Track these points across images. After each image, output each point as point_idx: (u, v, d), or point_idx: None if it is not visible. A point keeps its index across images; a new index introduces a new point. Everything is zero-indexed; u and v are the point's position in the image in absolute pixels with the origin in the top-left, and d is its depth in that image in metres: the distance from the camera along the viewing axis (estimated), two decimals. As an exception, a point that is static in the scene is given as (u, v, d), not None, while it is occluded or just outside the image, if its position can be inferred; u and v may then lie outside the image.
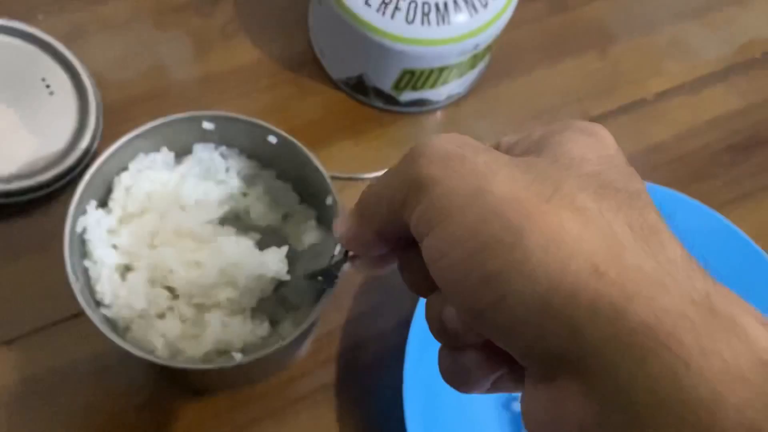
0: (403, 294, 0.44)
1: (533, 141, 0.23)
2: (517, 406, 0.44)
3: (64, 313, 0.43)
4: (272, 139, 0.36)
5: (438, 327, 0.23)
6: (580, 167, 0.21)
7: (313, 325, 0.40)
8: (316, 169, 0.36)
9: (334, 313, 0.46)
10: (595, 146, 0.22)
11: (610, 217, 0.19)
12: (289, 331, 0.34)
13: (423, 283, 0.24)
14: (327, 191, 0.36)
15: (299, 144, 0.36)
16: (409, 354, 0.42)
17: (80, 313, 0.43)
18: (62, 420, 0.41)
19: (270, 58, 0.53)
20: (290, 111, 0.51)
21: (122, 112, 0.49)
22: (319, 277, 0.33)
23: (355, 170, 0.48)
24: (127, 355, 0.41)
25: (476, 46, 0.46)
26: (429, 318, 0.24)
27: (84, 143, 0.46)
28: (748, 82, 0.58)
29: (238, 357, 0.32)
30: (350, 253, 0.27)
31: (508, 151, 0.24)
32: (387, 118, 0.52)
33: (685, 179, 0.53)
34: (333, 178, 0.36)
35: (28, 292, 0.43)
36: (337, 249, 0.30)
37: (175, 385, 0.42)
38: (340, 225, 0.25)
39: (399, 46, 0.44)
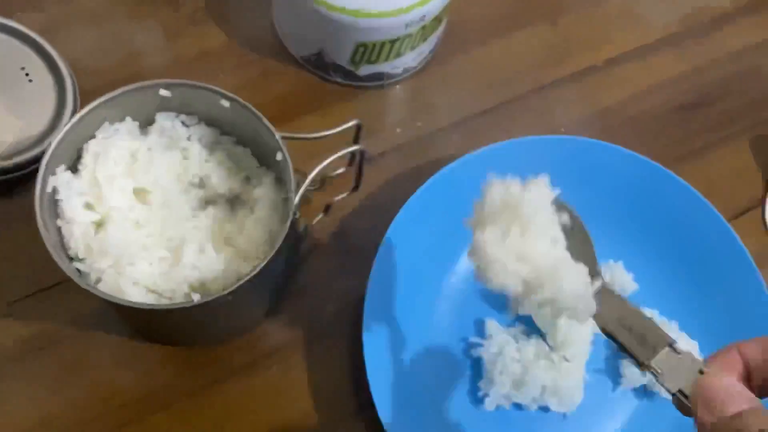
0: (366, 253, 0.47)
1: None
2: (476, 352, 0.47)
3: (49, 281, 0.46)
4: (225, 103, 0.39)
5: None
6: None
7: (274, 278, 0.43)
8: (267, 129, 0.39)
9: (301, 273, 0.49)
10: None
11: None
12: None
13: None
14: (277, 148, 0.39)
15: (249, 105, 0.39)
16: (368, 306, 0.45)
17: (62, 282, 0.46)
18: (50, 377, 0.44)
19: (237, 41, 0.56)
20: (257, 90, 0.54)
21: (99, 97, 0.52)
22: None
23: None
24: (103, 315, 0.45)
25: (423, 17, 0.49)
26: None
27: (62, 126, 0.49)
28: (696, 47, 0.61)
29: (196, 297, 0.35)
30: None
31: None
32: (349, 93, 0.55)
33: (635, 139, 0.56)
34: (283, 137, 0.39)
35: (14, 264, 0.47)
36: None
37: (152, 341, 0.45)
38: None
39: (350, 20, 0.48)
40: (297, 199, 0.38)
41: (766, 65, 0.61)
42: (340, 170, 0.48)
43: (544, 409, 0.46)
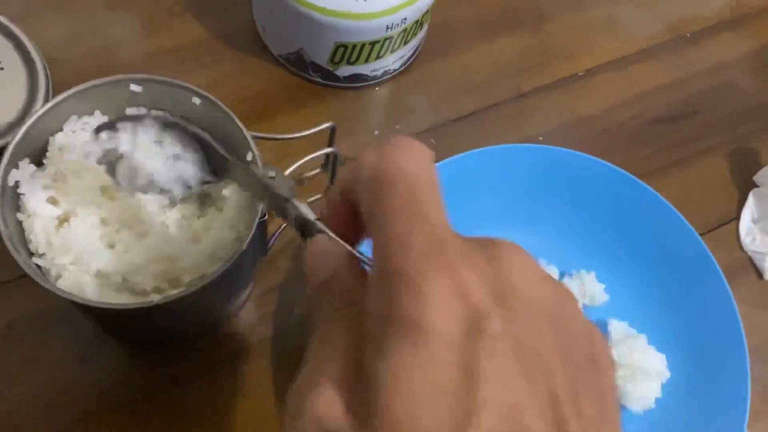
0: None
1: None
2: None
3: (7, 276, 0.45)
4: (196, 101, 0.39)
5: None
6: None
7: (240, 278, 0.43)
8: (238, 128, 0.38)
9: (272, 273, 0.49)
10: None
11: None
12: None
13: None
14: (248, 147, 0.38)
15: (220, 103, 0.38)
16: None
17: (22, 276, 0.45)
18: (6, 373, 0.44)
19: (215, 36, 0.55)
20: (233, 86, 0.54)
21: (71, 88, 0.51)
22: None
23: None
24: (65, 310, 0.44)
25: (404, 20, 0.49)
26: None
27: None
28: (675, 60, 0.61)
29: (156, 298, 0.34)
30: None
31: None
32: (327, 93, 0.55)
33: (612, 150, 0.56)
34: (254, 137, 0.39)
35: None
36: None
37: (115, 339, 0.45)
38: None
39: (330, 20, 0.47)
40: (267, 199, 0.38)
41: (745, 80, 0.61)
42: (315, 171, 0.47)
43: None
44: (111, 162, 0.37)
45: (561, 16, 0.61)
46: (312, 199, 0.48)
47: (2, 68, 0.50)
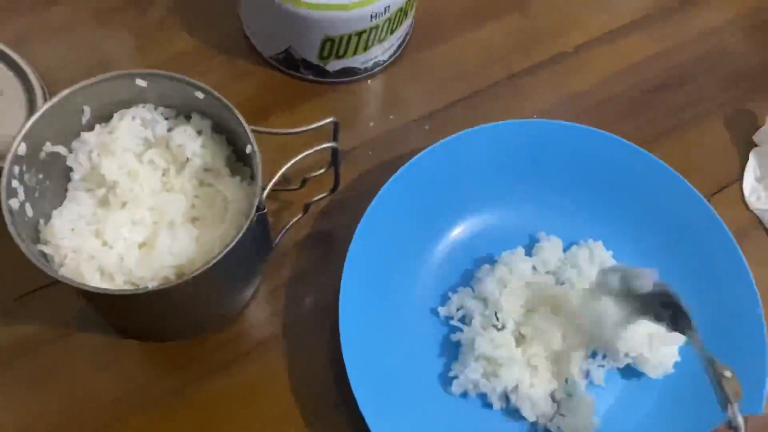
0: (343, 247, 0.46)
1: None
2: (455, 337, 0.47)
3: (27, 288, 0.46)
4: (200, 95, 0.40)
5: None
6: None
7: (240, 271, 0.43)
8: (239, 121, 0.39)
9: (280, 269, 0.49)
10: None
11: None
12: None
13: None
14: (248, 141, 0.39)
15: (223, 98, 0.39)
16: (344, 297, 0.44)
17: (41, 287, 0.46)
18: (27, 383, 0.44)
19: (205, 44, 0.56)
20: (227, 91, 0.53)
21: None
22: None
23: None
24: (84, 314, 0.45)
25: (387, 8, 0.49)
26: None
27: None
28: (664, 29, 0.61)
29: (152, 285, 0.35)
30: None
31: None
32: (320, 89, 0.55)
33: (608, 122, 0.56)
34: (254, 131, 0.39)
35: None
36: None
37: (127, 335, 0.45)
38: None
39: (315, 14, 0.48)
40: (266, 192, 0.38)
41: (734, 43, 0.61)
42: (320, 171, 0.47)
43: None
44: None
45: (547, -4, 0.61)
46: (318, 197, 0.48)
47: (1, 92, 0.51)
